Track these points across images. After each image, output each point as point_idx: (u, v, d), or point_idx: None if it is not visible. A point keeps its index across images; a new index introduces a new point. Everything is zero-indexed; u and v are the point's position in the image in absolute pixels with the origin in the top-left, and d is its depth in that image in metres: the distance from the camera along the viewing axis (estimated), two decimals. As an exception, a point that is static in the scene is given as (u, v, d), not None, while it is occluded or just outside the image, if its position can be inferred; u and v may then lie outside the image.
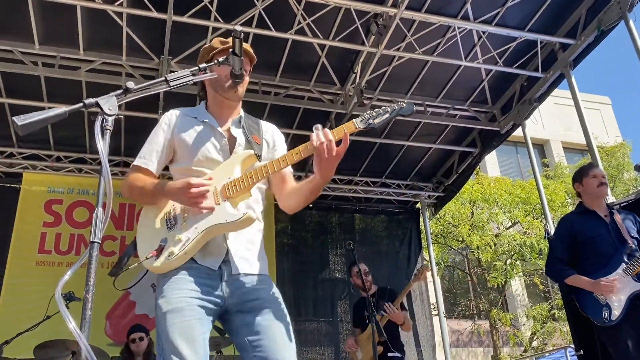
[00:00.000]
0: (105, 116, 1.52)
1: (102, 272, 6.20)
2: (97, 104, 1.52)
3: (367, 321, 4.44)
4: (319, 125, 1.90)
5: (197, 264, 1.98)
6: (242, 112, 2.30)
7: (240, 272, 2.03)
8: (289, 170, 2.23)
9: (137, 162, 2.14)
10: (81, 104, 1.53)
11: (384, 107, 1.98)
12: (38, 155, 6.78)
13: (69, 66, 5.43)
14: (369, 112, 1.98)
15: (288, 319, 2.04)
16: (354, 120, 1.95)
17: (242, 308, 1.99)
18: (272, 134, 2.34)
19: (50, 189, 6.85)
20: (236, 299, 1.99)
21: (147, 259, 1.97)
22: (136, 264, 2.02)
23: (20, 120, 1.42)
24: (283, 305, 2.06)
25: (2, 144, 6.63)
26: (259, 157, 2.13)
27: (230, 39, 2.00)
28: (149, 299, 6.25)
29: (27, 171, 6.75)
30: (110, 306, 6.44)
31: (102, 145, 1.50)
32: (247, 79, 2.23)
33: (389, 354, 4.67)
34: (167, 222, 2.04)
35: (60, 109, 1.49)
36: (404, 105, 1.98)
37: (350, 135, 1.92)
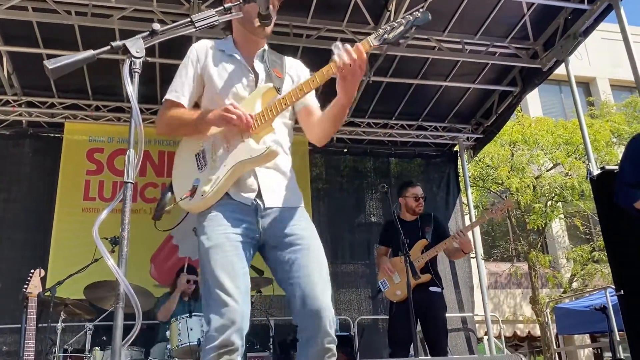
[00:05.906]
0: (133, 59, 1.52)
1: (146, 218, 6.39)
2: (124, 47, 1.52)
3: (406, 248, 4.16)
4: (339, 43, 1.81)
5: (232, 199, 2.03)
6: (265, 46, 2.26)
7: (273, 206, 2.06)
8: (315, 104, 2.21)
9: (170, 96, 2.15)
10: (109, 47, 1.53)
11: (398, 20, 1.87)
12: (78, 105, 6.91)
13: (102, 14, 5.43)
14: (382, 27, 1.87)
15: (323, 253, 2.07)
16: (368, 38, 1.86)
17: (277, 244, 2.04)
18: (297, 70, 2.30)
19: (91, 138, 7.02)
20: (271, 233, 2.04)
21: (182, 199, 2.04)
22: (172, 205, 2.10)
23: (50, 63, 1.43)
24: (318, 240, 2.08)
25: (43, 95, 6.78)
26: (278, 90, 2.10)
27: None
28: (190, 243, 6.45)
29: (68, 121, 6.92)
30: (154, 250, 6.69)
31: (132, 88, 1.51)
32: (274, 16, 2.17)
33: (431, 288, 4.58)
34: (197, 163, 2.08)
35: (89, 52, 1.50)
36: (419, 15, 1.87)
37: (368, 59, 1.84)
